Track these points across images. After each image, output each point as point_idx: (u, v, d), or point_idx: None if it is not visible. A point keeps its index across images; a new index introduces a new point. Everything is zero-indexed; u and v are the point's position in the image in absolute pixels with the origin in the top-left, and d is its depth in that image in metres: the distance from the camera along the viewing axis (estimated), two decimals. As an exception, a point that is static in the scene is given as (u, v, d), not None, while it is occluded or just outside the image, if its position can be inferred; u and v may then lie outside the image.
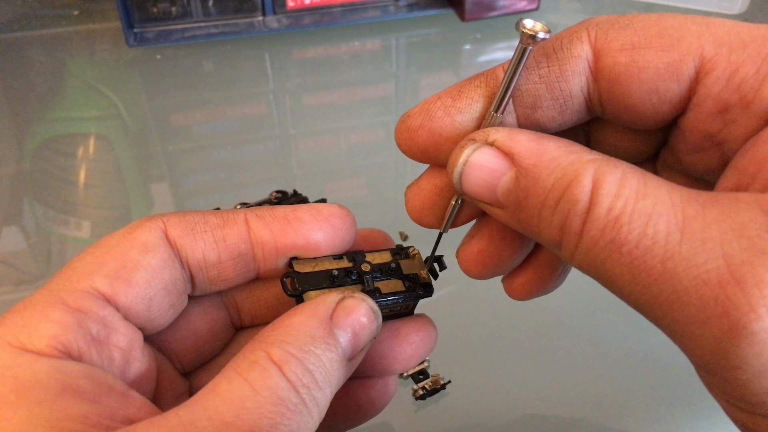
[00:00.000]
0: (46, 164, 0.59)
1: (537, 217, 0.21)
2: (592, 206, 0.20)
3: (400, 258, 0.28)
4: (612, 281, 0.20)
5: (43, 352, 0.21)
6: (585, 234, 0.20)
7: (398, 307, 0.27)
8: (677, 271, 0.18)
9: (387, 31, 0.74)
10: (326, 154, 0.60)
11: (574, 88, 0.24)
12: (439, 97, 0.25)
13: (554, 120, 0.25)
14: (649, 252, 0.18)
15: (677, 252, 0.18)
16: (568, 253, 0.21)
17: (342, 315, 0.23)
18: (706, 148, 0.23)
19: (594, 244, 0.19)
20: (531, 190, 0.21)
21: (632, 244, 0.19)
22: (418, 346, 0.27)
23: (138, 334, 0.24)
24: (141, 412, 0.21)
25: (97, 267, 0.23)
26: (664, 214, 0.19)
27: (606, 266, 0.19)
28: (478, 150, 0.23)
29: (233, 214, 0.26)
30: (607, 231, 0.19)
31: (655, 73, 0.22)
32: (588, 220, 0.20)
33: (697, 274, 0.18)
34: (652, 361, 0.42)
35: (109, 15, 0.75)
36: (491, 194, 0.22)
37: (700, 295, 0.18)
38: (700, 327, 0.18)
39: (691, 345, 0.18)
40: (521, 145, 0.22)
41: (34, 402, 0.19)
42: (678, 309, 0.18)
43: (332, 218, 0.27)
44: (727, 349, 0.17)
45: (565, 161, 0.21)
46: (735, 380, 0.18)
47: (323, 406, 0.22)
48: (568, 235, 0.20)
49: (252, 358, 0.21)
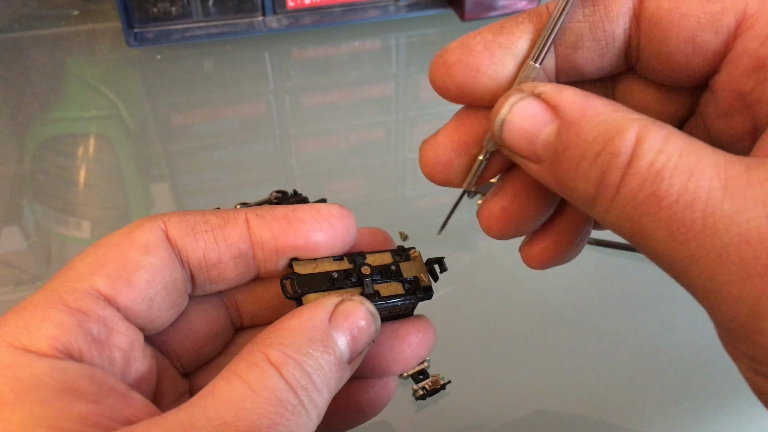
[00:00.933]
0: (46, 164, 0.59)
1: (574, 171, 0.21)
2: (634, 159, 0.19)
3: (400, 260, 0.28)
4: (647, 238, 0.19)
5: (43, 353, 0.21)
6: (623, 187, 0.19)
7: (397, 309, 0.27)
8: (718, 228, 0.18)
9: (387, 31, 0.74)
10: (326, 154, 0.60)
11: (618, 30, 0.23)
12: (480, 32, 0.24)
13: (593, 62, 0.24)
14: (689, 207, 0.18)
15: (719, 209, 0.18)
16: (602, 208, 0.20)
17: (340, 318, 0.23)
18: (736, 110, 0.23)
19: (632, 198, 0.19)
20: (572, 142, 0.21)
21: (673, 198, 0.18)
22: (417, 346, 0.27)
23: (138, 335, 0.24)
24: (141, 412, 0.21)
25: (97, 267, 0.23)
26: (707, 171, 0.18)
27: (643, 221, 0.19)
28: (524, 100, 0.22)
29: (234, 214, 0.26)
30: (647, 184, 0.19)
31: (696, 22, 0.22)
32: (628, 173, 0.19)
33: (739, 232, 0.17)
34: (653, 360, 0.42)
35: (109, 15, 0.75)
36: (530, 146, 0.22)
37: (740, 252, 0.17)
38: (737, 286, 0.18)
39: (725, 306, 0.18)
40: (567, 99, 0.21)
41: (34, 402, 0.19)
42: (717, 267, 0.18)
43: (332, 219, 0.26)
44: (764, 309, 0.17)
45: (611, 117, 0.20)
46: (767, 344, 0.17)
47: (321, 408, 0.22)
48: (605, 189, 0.20)
49: (250, 359, 0.21)
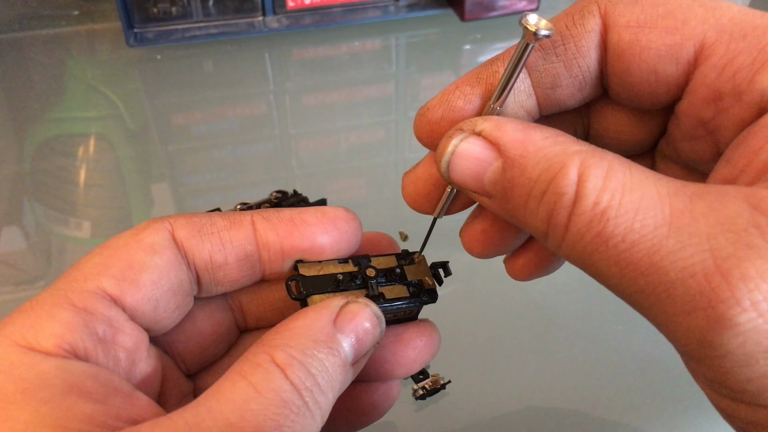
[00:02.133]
0: (46, 164, 0.59)
1: (523, 208, 0.21)
2: (578, 199, 0.20)
3: (405, 263, 0.28)
4: (599, 273, 0.20)
5: (49, 352, 0.21)
6: (571, 227, 0.20)
7: (402, 313, 0.27)
8: (664, 264, 0.18)
9: (387, 31, 0.74)
10: (326, 154, 0.60)
11: (592, 63, 0.24)
12: (457, 86, 0.25)
13: (574, 97, 0.25)
14: (635, 246, 0.19)
15: (664, 245, 0.18)
16: (554, 244, 0.21)
17: (345, 320, 0.23)
18: (699, 135, 0.23)
19: (580, 238, 0.20)
20: (517, 180, 0.21)
21: (618, 238, 0.19)
22: (421, 351, 0.27)
23: (144, 335, 0.24)
24: (146, 412, 0.21)
25: (104, 268, 0.23)
26: (651, 208, 0.19)
27: (593, 259, 0.20)
28: (466, 140, 0.23)
29: (240, 216, 0.26)
30: (594, 225, 0.19)
31: (656, 54, 0.22)
32: (574, 213, 0.20)
33: (684, 267, 0.18)
34: (653, 359, 0.42)
35: (109, 15, 0.74)
36: (478, 184, 0.23)
37: (686, 287, 0.18)
38: (686, 318, 0.18)
39: (678, 335, 0.19)
40: (508, 136, 0.22)
41: (39, 401, 0.19)
42: (664, 301, 0.18)
43: (338, 221, 0.27)
44: (712, 340, 0.18)
45: (551, 152, 0.21)
46: (719, 368, 0.18)
47: (326, 409, 0.22)
48: (554, 228, 0.20)
49: (255, 360, 0.21)
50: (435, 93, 0.25)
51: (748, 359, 0.17)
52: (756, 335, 0.17)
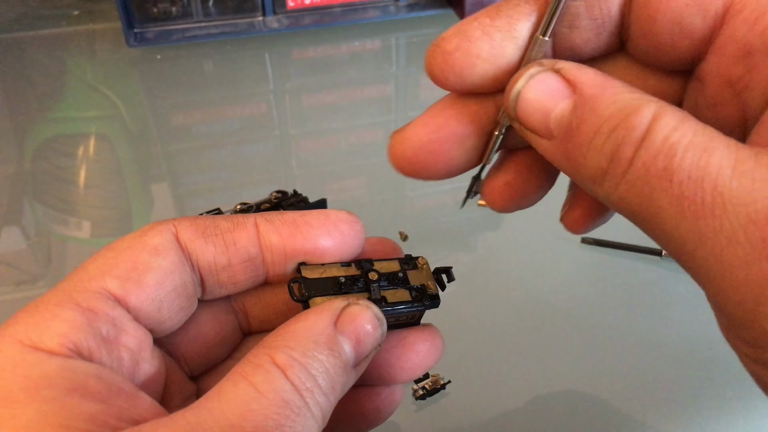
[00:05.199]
0: (46, 164, 0.59)
1: (587, 146, 0.20)
2: (649, 133, 0.19)
3: (408, 268, 0.28)
4: (656, 215, 0.19)
5: (53, 351, 0.21)
6: (636, 160, 0.19)
7: (404, 317, 0.27)
8: (727, 208, 0.18)
9: (387, 31, 0.74)
10: (326, 154, 0.60)
11: (613, 8, 0.23)
12: (476, 17, 0.23)
13: (589, 42, 0.24)
14: (699, 184, 0.18)
15: (728, 187, 0.18)
16: (612, 183, 0.20)
17: (346, 322, 0.23)
18: (725, 99, 0.23)
19: (645, 172, 0.19)
20: (587, 117, 0.20)
21: (684, 173, 0.18)
22: (424, 355, 0.27)
23: (147, 336, 0.24)
24: (148, 413, 0.21)
25: (108, 268, 0.23)
26: (719, 149, 0.18)
27: (653, 196, 0.19)
28: (543, 73, 0.22)
29: (243, 219, 0.26)
30: (660, 158, 0.19)
31: (683, 4, 0.22)
32: (642, 146, 0.19)
33: (747, 212, 0.17)
34: (653, 360, 0.42)
35: (109, 15, 0.74)
36: (543, 119, 0.22)
37: (749, 234, 0.17)
38: (745, 269, 0.17)
39: (732, 290, 0.18)
40: (587, 76, 0.21)
41: (43, 400, 0.19)
42: (724, 248, 0.18)
43: (340, 224, 0.27)
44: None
45: (629, 96, 0.20)
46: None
47: (327, 411, 0.22)
48: (617, 162, 0.20)
49: (256, 362, 0.21)
50: (435, 93, 0.25)
51: None
52: None
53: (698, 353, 0.42)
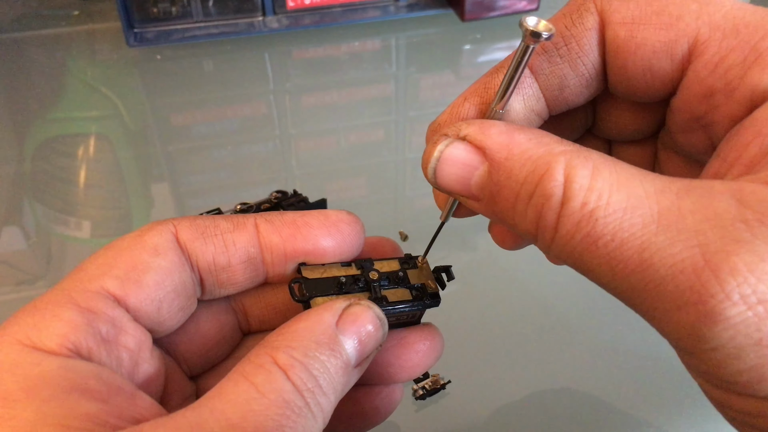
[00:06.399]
0: (46, 164, 0.59)
1: (511, 211, 0.21)
2: (566, 200, 0.20)
3: (408, 267, 0.28)
4: (590, 272, 0.20)
5: (53, 351, 0.21)
6: (560, 229, 0.20)
7: (405, 316, 0.27)
8: (653, 261, 0.18)
9: (387, 31, 0.74)
10: (326, 154, 0.60)
11: (596, 60, 0.24)
12: (466, 98, 0.25)
13: (582, 95, 0.25)
14: (625, 244, 0.19)
15: (653, 243, 0.18)
16: (544, 245, 0.21)
17: (348, 322, 0.23)
18: (694, 129, 0.24)
19: (570, 239, 0.20)
20: (503, 183, 0.21)
21: (608, 237, 0.19)
22: (424, 354, 0.27)
23: (147, 336, 0.24)
24: (148, 412, 0.21)
25: (108, 268, 0.23)
26: (639, 206, 0.19)
27: (584, 259, 0.20)
28: (451, 145, 0.23)
29: (243, 219, 0.26)
30: (583, 225, 0.19)
31: (651, 51, 0.23)
32: (562, 214, 0.20)
33: (673, 263, 0.18)
34: (653, 359, 0.42)
35: (109, 15, 0.74)
36: (465, 188, 0.23)
37: (676, 283, 0.18)
38: (677, 313, 0.18)
39: (670, 330, 0.19)
40: (492, 139, 0.22)
41: (42, 400, 0.19)
42: (656, 297, 0.19)
43: (340, 224, 0.27)
44: (703, 334, 0.18)
45: (536, 153, 0.21)
46: (711, 361, 0.18)
47: (327, 411, 0.22)
48: (543, 230, 0.20)
49: (257, 362, 0.21)
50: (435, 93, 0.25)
51: (738, 352, 0.18)
52: (746, 328, 0.17)
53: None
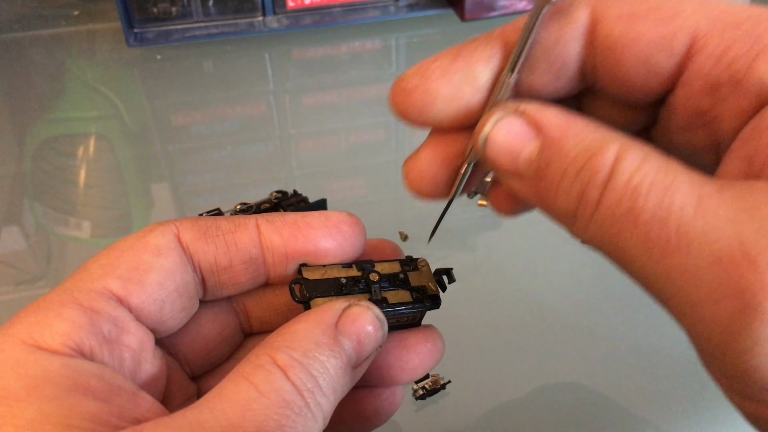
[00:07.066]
0: (46, 164, 0.59)
1: (555, 188, 0.21)
2: (613, 175, 0.19)
3: (409, 269, 0.28)
4: (625, 254, 0.19)
5: (55, 350, 0.21)
6: (602, 202, 0.20)
7: (405, 318, 0.27)
8: (691, 247, 0.18)
9: (387, 31, 0.74)
10: (326, 154, 0.60)
11: (570, 55, 0.24)
12: (436, 58, 0.24)
13: (549, 85, 0.24)
14: (664, 223, 0.18)
15: (692, 226, 0.18)
16: (582, 223, 0.20)
17: (347, 322, 0.23)
18: (695, 126, 0.23)
19: (611, 214, 0.19)
20: (554, 159, 0.21)
21: (648, 214, 0.19)
22: (425, 356, 0.27)
23: (149, 336, 0.24)
24: (149, 412, 0.21)
25: (110, 269, 0.23)
26: (682, 188, 0.19)
27: (621, 237, 0.19)
28: (508, 117, 0.22)
29: (245, 220, 0.26)
30: (625, 200, 0.19)
31: (648, 45, 0.22)
32: (607, 188, 0.19)
33: (711, 251, 0.18)
34: (653, 359, 0.42)
35: (109, 15, 0.74)
36: (512, 163, 0.22)
37: (713, 272, 0.17)
38: (712, 306, 0.18)
39: (702, 326, 0.18)
40: (550, 118, 0.22)
41: (44, 399, 0.19)
42: (691, 286, 0.18)
43: (341, 225, 0.27)
44: (739, 330, 0.17)
45: (591, 136, 0.21)
46: (744, 364, 0.18)
47: (327, 411, 0.22)
48: (584, 205, 0.20)
49: (257, 362, 0.21)
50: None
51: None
52: None
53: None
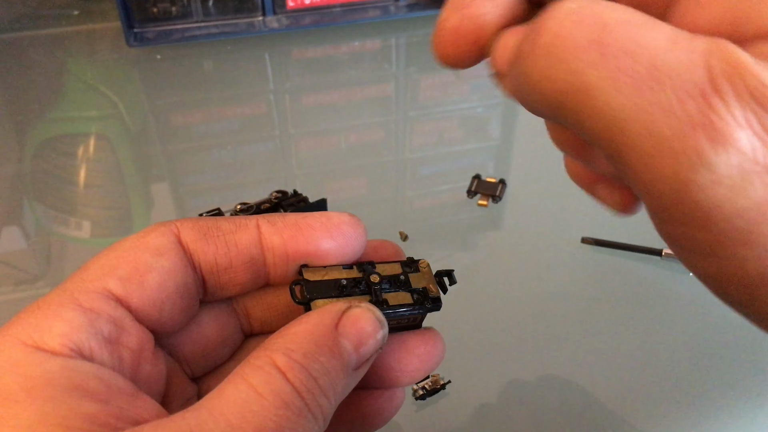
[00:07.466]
0: (46, 164, 0.59)
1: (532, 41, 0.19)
2: (580, 8, 0.18)
3: (410, 271, 0.28)
4: (585, 91, 0.18)
5: (55, 351, 0.21)
6: (568, 37, 0.18)
7: (406, 320, 0.27)
8: (664, 80, 0.17)
9: (387, 31, 0.74)
10: (326, 154, 0.60)
11: None
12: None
13: None
14: (636, 58, 0.18)
15: (666, 61, 0.17)
16: (546, 61, 0.19)
17: (348, 324, 0.23)
18: None
19: (574, 44, 0.18)
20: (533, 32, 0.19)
21: (618, 47, 0.18)
22: (425, 358, 0.27)
23: (149, 337, 0.24)
24: (149, 413, 0.21)
25: (110, 269, 0.23)
26: (655, 27, 0.18)
27: (584, 72, 0.18)
28: None
29: (245, 220, 0.26)
30: (593, 31, 0.18)
31: None
32: (574, 22, 0.18)
33: (684, 85, 0.17)
34: (653, 360, 0.42)
35: (109, 15, 0.75)
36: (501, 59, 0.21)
37: (685, 106, 0.17)
38: (680, 140, 0.17)
39: (666, 162, 0.17)
40: None
41: (43, 400, 0.19)
42: (660, 121, 0.17)
43: (342, 226, 0.27)
44: (709, 159, 0.17)
45: None
46: (709, 201, 0.17)
47: (327, 413, 0.22)
48: (551, 39, 0.19)
49: (257, 363, 0.21)
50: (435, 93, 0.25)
51: (744, 183, 0.16)
52: (754, 153, 0.16)
53: (698, 353, 0.42)
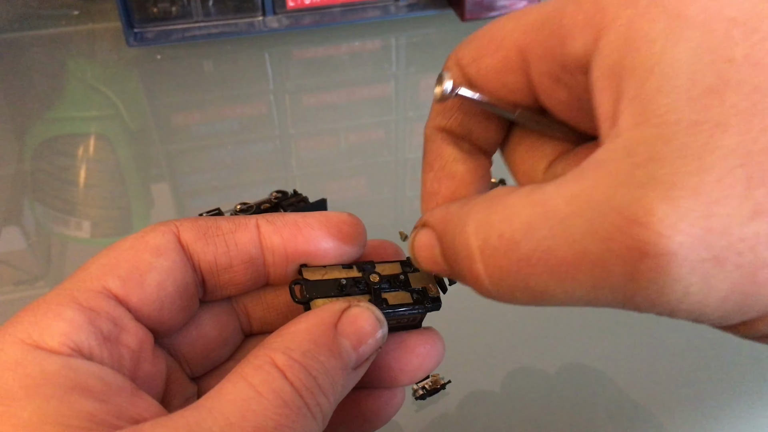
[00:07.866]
0: (46, 164, 0.59)
1: (464, 270, 0.21)
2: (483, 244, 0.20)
3: (410, 270, 0.28)
4: (542, 292, 0.19)
5: (54, 350, 0.21)
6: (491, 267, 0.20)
7: (405, 320, 0.27)
8: (583, 261, 0.18)
9: (387, 31, 0.74)
10: (326, 154, 0.60)
11: None
12: None
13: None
14: (551, 253, 0.18)
15: (579, 245, 0.18)
16: (505, 287, 0.20)
17: (347, 323, 0.23)
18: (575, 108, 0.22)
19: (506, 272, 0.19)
20: (447, 250, 0.22)
21: (538, 255, 0.18)
22: (424, 358, 0.27)
23: (149, 336, 0.24)
24: (148, 412, 0.21)
25: (110, 268, 0.23)
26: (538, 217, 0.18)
27: (530, 281, 0.19)
28: (418, 233, 0.24)
29: (245, 220, 0.26)
30: (509, 253, 0.19)
31: None
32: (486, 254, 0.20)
33: (598, 245, 0.17)
34: (653, 360, 0.42)
35: (109, 15, 0.75)
36: (437, 265, 0.24)
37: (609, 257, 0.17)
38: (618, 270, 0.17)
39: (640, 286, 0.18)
40: (434, 217, 0.23)
41: (42, 398, 0.19)
42: (602, 281, 0.18)
43: (342, 226, 0.27)
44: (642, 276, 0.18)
45: (456, 216, 0.21)
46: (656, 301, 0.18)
47: (327, 412, 0.22)
48: (496, 271, 0.20)
49: (256, 363, 0.21)
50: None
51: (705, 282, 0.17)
52: (695, 249, 0.16)
53: (698, 353, 0.42)
